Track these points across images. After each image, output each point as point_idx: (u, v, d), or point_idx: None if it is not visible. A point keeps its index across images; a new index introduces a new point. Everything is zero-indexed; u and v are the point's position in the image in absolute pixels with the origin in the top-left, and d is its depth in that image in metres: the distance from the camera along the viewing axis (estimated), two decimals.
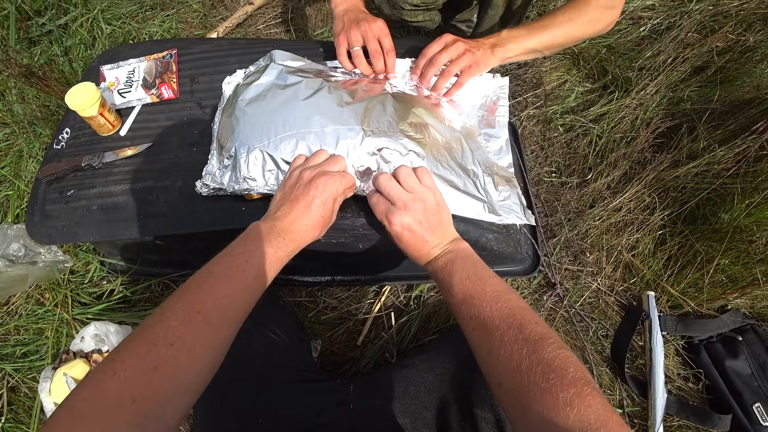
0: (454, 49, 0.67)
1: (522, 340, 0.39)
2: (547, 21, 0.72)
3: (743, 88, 1.00)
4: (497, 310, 0.43)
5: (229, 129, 0.65)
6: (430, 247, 0.52)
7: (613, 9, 0.74)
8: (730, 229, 0.87)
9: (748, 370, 0.88)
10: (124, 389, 0.32)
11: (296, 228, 0.48)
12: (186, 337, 0.37)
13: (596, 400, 0.33)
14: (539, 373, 0.36)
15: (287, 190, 0.51)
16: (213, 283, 0.41)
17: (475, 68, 0.68)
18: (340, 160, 0.55)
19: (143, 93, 0.80)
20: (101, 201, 0.72)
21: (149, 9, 1.30)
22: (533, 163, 1.00)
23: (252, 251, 0.44)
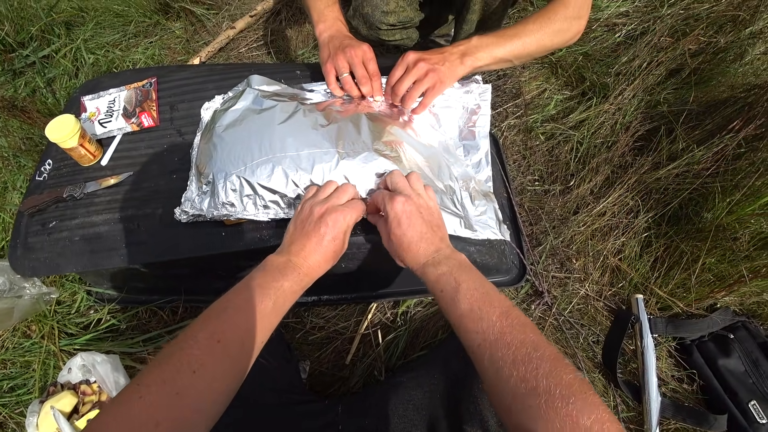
0: (416, 71, 0.66)
1: (537, 360, 0.37)
2: (517, 29, 0.73)
3: (718, 88, 1.02)
4: (508, 326, 0.41)
5: (207, 155, 0.66)
6: (429, 243, 0.50)
7: (579, 19, 0.75)
8: (713, 228, 0.88)
9: (742, 368, 0.88)
10: (149, 413, 0.35)
11: (310, 263, 0.50)
12: (208, 365, 0.39)
13: (614, 426, 0.33)
14: (558, 396, 0.34)
15: (299, 225, 0.53)
16: (232, 314, 0.43)
17: (439, 86, 0.67)
18: (349, 189, 0.56)
19: (124, 122, 0.81)
20: (83, 231, 0.72)
21: (132, 37, 1.33)
22: (516, 172, 1.01)
23: (269, 285, 0.46)
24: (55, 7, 1.29)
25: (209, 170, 0.64)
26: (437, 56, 0.68)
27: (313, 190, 0.57)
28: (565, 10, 0.74)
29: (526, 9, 1.29)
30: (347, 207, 0.53)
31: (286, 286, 0.47)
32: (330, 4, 0.76)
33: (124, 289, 0.91)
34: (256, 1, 1.38)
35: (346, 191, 0.55)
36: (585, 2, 0.75)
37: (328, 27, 0.73)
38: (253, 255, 0.66)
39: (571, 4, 0.74)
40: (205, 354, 0.39)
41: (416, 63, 0.67)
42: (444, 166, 0.67)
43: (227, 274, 0.77)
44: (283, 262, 0.49)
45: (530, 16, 0.75)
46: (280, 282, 0.47)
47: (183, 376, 0.37)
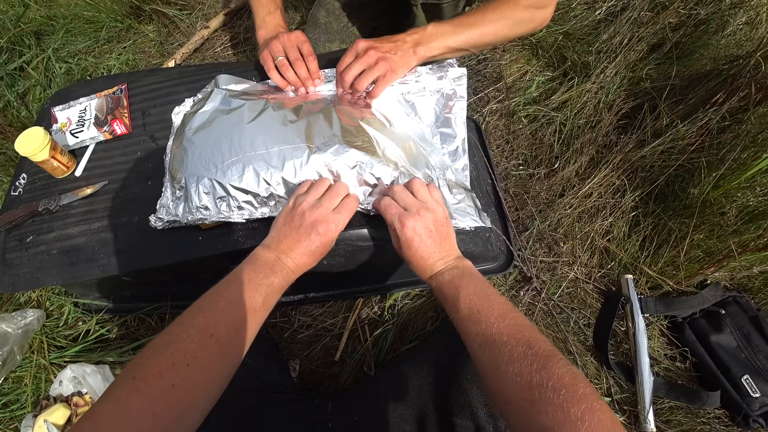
0: (366, 59, 0.64)
1: (531, 356, 0.40)
2: (476, 18, 0.70)
3: (701, 61, 1.02)
4: (505, 327, 0.44)
5: (179, 160, 0.66)
6: (437, 258, 0.53)
7: (544, 8, 0.72)
8: (700, 204, 0.88)
9: (734, 343, 0.89)
10: (146, 405, 0.36)
11: (298, 262, 0.52)
12: (201, 358, 0.40)
13: (606, 416, 0.35)
14: (550, 389, 0.37)
15: (288, 224, 0.53)
16: (225, 307, 0.45)
17: (390, 75, 0.66)
18: (341, 190, 0.56)
19: (96, 131, 0.81)
20: (60, 244, 0.72)
21: (105, 43, 1.31)
22: (500, 157, 1.01)
23: (260, 281, 0.48)
24: (23, 17, 1.27)
25: (181, 175, 0.64)
26: (389, 44, 0.66)
27: (307, 185, 0.57)
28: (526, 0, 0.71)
29: None
30: (339, 213, 0.54)
31: (276, 283, 0.49)
32: (272, 10, 0.77)
33: (110, 299, 0.91)
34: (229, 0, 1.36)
35: (338, 193, 0.56)
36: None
37: (269, 32, 0.74)
38: (232, 256, 0.67)
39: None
40: (198, 347, 0.41)
41: (366, 51, 0.65)
42: (420, 155, 0.67)
43: (210, 277, 0.76)
44: (273, 259, 0.51)
45: (491, 3, 0.72)
46: (270, 279, 0.49)
47: (178, 369, 0.39)
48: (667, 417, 0.83)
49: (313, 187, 0.56)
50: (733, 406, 0.84)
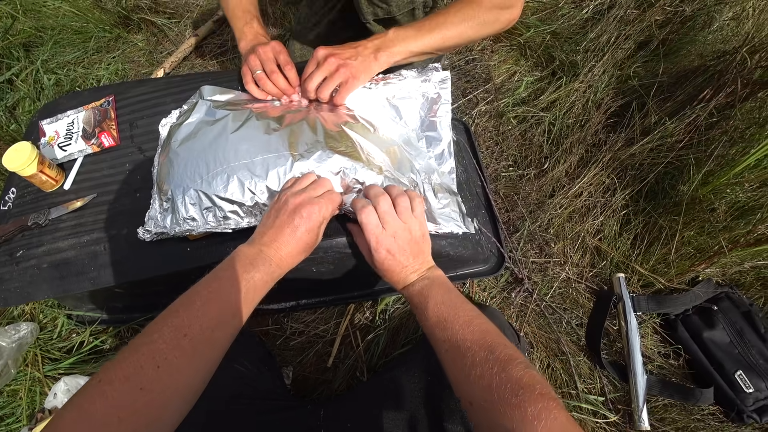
0: (326, 67, 0.65)
1: (492, 361, 0.42)
2: (438, 21, 0.69)
3: (688, 58, 1.02)
4: (469, 333, 0.46)
5: (166, 171, 0.66)
6: (408, 272, 0.56)
7: (510, 8, 0.71)
8: (689, 201, 0.88)
9: (727, 339, 0.89)
10: (111, 410, 0.35)
11: (282, 254, 0.50)
12: (173, 360, 0.39)
13: (561, 414, 0.37)
14: (509, 390, 0.39)
15: (273, 214, 0.53)
16: (200, 306, 0.43)
17: (352, 82, 0.66)
18: (325, 182, 0.57)
19: (84, 144, 0.81)
20: (50, 258, 0.72)
21: (94, 53, 1.32)
22: (489, 159, 1.01)
23: (240, 276, 0.47)
24: (11, 29, 1.28)
25: (168, 186, 0.64)
26: (350, 51, 0.66)
27: (292, 181, 0.57)
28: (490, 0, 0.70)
29: None
30: (323, 199, 0.53)
31: (257, 278, 0.48)
32: (248, 21, 0.77)
33: (103, 310, 0.91)
34: (218, 7, 1.37)
35: (322, 184, 0.56)
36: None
37: (248, 43, 0.74)
38: None
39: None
40: (170, 348, 0.39)
41: (326, 58, 0.65)
42: (405, 159, 0.67)
43: None
44: (254, 252, 0.49)
45: (454, 4, 0.71)
46: (250, 273, 0.47)
47: (147, 372, 0.37)
48: (661, 415, 0.84)
49: (298, 181, 0.57)
50: (727, 402, 0.85)
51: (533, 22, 1.17)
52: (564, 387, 0.82)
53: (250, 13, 0.79)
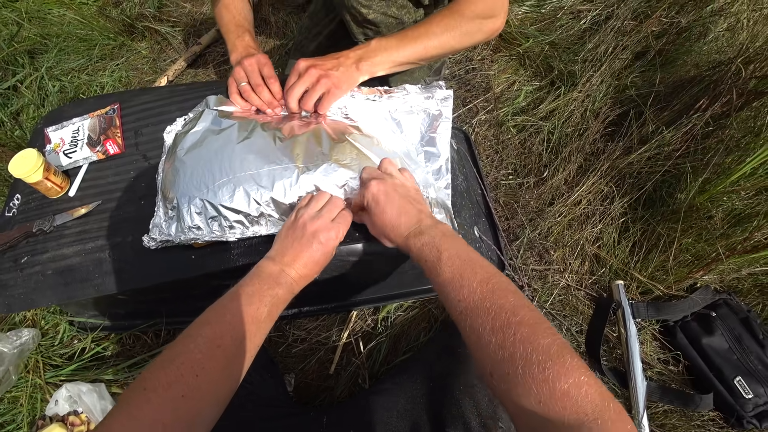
0: (307, 78, 0.65)
1: (516, 325, 0.37)
2: (420, 31, 0.69)
3: (684, 68, 1.04)
4: (489, 292, 0.41)
5: (171, 180, 0.67)
6: (409, 216, 0.53)
7: (492, 18, 0.71)
8: (687, 209, 0.90)
9: (726, 345, 0.90)
10: (156, 416, 0.37)
11: (301, 274, 0.54)
12: (209, 369, 0.41)
13: (593, 389, 0.33)
14: (535, 362, 0.34)
15: (291, 234, 0.55)
16: (231, 319, 0.46)
17: (335, 92, 0.66)
18: (338, 202, 0.58)
19: (89, 151, 0.82)
20: (55, 265, 0.73)
21: (98, 60, 1.33)
22: (489, 167, 1.03)
23: (264, 292, 0.50)
24: (16, 36, 1.29)
25: (173, 195, 0.65)
26: (331, 62, 0.67)
27: (307, 199, 0.59)
28: (473, 8, 0.70)
29: None
30: (338, 223, 0.56)
31: (280, 294, 0.51)
32: (240, 34, 0.79)
33: (106, 317, 0.92)
34: None
35: (337, 205, 0.58)
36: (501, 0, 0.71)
37: (238, 55, 0.75)
38: (225, 275, 0.68)
39: (482, 2, 0.70)
40: (206, 358, 0.42)
41: (307, 69, 0.65)
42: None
43: (204, 294, 0.77)
44: (277, 271, 0.52)
45: (437, 14, 0.71)
46: (275, 290, 0.50)
47: (187, 380, 0.40)
48: (661, 421, 0.84)
49: (314, 200, 0.58)
50: (727, 408, 0.85)
51: (532, 33, 1.19)
52: None
53: (243, 27, 0.80)
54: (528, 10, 1.24)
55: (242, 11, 0.84)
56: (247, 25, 0.82)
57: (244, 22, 0.82)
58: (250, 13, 0.87)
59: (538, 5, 1.24)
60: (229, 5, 0.84)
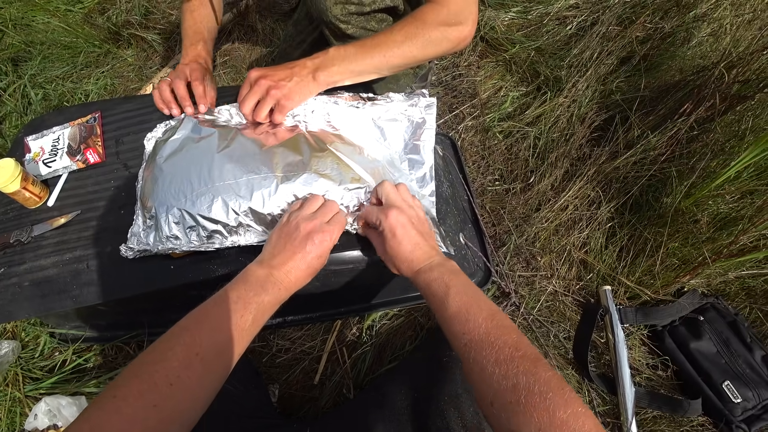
0: (257, 90, 0.64)
1: (519, 359, 0.40)
2: (381, 39, 0.66)
3: (668, 73, 1.05)
4: (493, 327, 0.44)
5: (150, 188, 0.67)
6: (423, 251, 0.54)
7: (459, 25, 0.68)
8: (673, 213, 0.90)
9: (714, 349, 0.90)
10: (125, 426, 0.36)
11: (291, 278, 0.52)
12: (185, 378, 0.40)
13: (590, 421, 0.35)
14: (537, 392, 0.37)
15: (283, 237, 0.54)
16: (211, 326, 0.45)
17: (285, 103, 0.64)
18: (333, 205, 0.58)
19: (69, 161, 0.81)
20: (32, 276, 0.72)
21: (83, 68, 1.32)
22: (476, 173, 1.03)
23: (250, 298, 0.48)
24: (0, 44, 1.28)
25: (152, 204, 0.65)
26: (284, 72, 0.65)
27: (299, 203, 0.58)
28: (437, 16, 0.67)
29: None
30: (333, 226, 0.55)
31: (266, 300, 0.49)
32: (195, 42, 0.80)
33: (87, 328, 0.90)
34: None
35: (331, 208, 0.57)
36: (468, 6, 0.68)
37: (188, 62, 0.77)
38: (205, 285, 0.67)
39: (446, 9, 0.67)
40: (182, 367, 0.41)
41: (257, 81, 0.64)
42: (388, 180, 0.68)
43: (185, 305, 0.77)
44: (264, 275, 0.51)
45: (400, 22, 0.68)
46: (260, 296, 0.49)
47: (160, 389, 0.39)
48: (650, 427, 0.84)
49: (307, 203, 0.57)
50: (716, 412, 0.85)
51: (518, 38, 1.20)
52: None
53: (200, 35, 0.81)
54: (514, 16, 1.25)
55: (205, 19, 0.84)
56: (206, 33, 0.83)
57: (204, 30, 0.82)
58: (213, 23, 0.87)
59: (524, 11, 1.25)
60: (194, 11, 0.84)
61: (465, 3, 0.67)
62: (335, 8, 0.76)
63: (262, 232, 0.62)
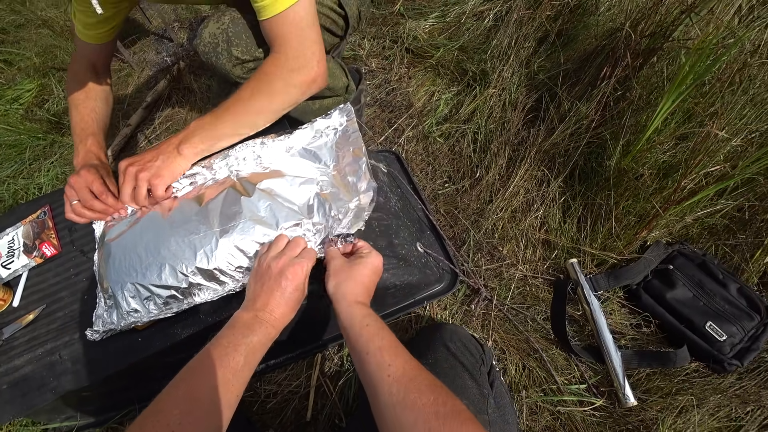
0: (128, 179, 0.69)
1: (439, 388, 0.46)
2: (231, 101, 0.71)
3: (585, 42, 1.13)
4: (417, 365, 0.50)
5: (104, 269, 0.72)
6: (370, 294, 0.61)
7: (302, 70, 0.72)
8: (615, 174, 0.96)
9: (689, 294, 0.95)
10: None
11: (276, 315, 0.57)
12: (185, 423, 0.45)
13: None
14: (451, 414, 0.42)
15: (259, 280, 0.59)
16: (207, 373, 0.50)
17: (155, 182, 0.69)
18: (300, 241, 0.63)
19: (26, 259, 0.86)
20: (8, 378, 0.76)
21: (32, 162, 1.39)
22: (425, 181, 1.09)
23: (239, 342, 0.53)
24: None
25: (108, 284, 0.69)
26: (151, 154, 0.70)
27: (267, 247, 0.63)
28: (277, 65, 0.71)
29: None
30: (303, 258, 0.60)
31: (255, 341, 0.54)
32: (83, 138, 0.82)
33: (78, 417, 0.93)
34: (147, 93, 1.46)
35: (298, 244, 0.62)
36: (306, 49, 0.71)
37: (79, 162, 0.79)
38: (174, 349, 0.71)
39: (284, 56, 0.71)
40: (183, 413, 0.45)
41: (126, 169, 0.69)
42: (328, 201, 0.72)
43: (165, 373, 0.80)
44: (250, 318, 0.56)
45: (244, 83, 0.72)
46: (249, 338, 0.53)
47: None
48: (645, 386, 0.88)
49: (273, 244, 0.63)
50: (705, 355, 0.89)
51: (442, 42, 1.29)
52: (544, 384, 0.86)
53: (87, 130, 0.84)
54: (434, 22, 1.34)
55: (93, 111, 0.87)
56: (95, 127, 0.85)
57: (92, 124, 0.85)
58: (103, 112, 0.89)
59: (442, 15, 1.34)
60: (79, 105, 0.87)
61: (302, 47, 0.71)
62: (235, 69, 0.82)
63: (215, 287, 0.67)
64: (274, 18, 0.70)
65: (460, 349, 0.71)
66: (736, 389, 0.86)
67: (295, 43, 0.71)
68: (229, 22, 0.80)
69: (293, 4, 0.69)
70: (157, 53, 1.63)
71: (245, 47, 0.81)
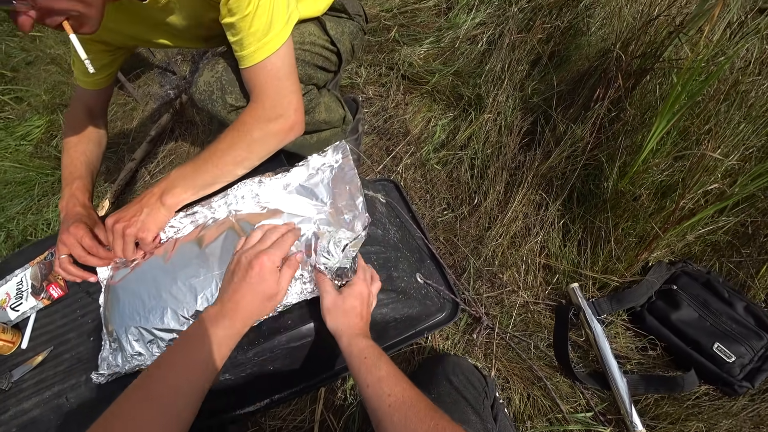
0: (116, 236, 0.71)
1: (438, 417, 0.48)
2: (210, 151, 0.73)
3: (578, 63, 1.15)
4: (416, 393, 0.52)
5: (109, 312, 0.74)
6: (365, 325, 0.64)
7: (279, 119, 0.74)
8: (612, 196, 0.97)
9: (695, 314, 0.94)
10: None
11: (242, 307, 0.58)
12: (139, 419, 0.48)
13: None
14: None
15: (229, 274, 0.61)
16: (165, 370, 0.53)
17: (143, 235, 0.71)
18: (274, 231, 0.64)
19: (34, 300, 0.89)
20: (17, 421, 0.78)
21: (41, 198, 1.44)
22: (424, 208, 1.11)
23: (203, 334, 0.55)
24: None
25: (112, 327, 0.72)
26: (134, 208, 0.73)
27: (242, 241, 0.65)
28: (254, 115, 0.73)
29: None
30: (273, 248, 0.61)
31: (221, 333, 0.55)
32: (70, 182, 0.84)
33: None
34: (150, 127, 1.51)
35: (270, 236, 0.64)
36: (283, 98, 0.74)
37: (63, 206, 0.82)
38: None
39: (261, 106, 0.73)
40: (134, 408, 0.49)
41: (113, 227, 0.72)
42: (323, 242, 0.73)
43: None
44: (216, 311, 0.57)
45: (225, 131, 0.75)
46: (212, 330, 0.55)
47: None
48: (654, 412, 0.87)
49: (248, 240, 0.64)
50: (715, 378, 0.88)
51: (437, 67, 1.32)
52: (549, 413, 0.86)
53: (75, 174, 0.86)
54: (429, 47, 1.37)
55: (83, 155, 0.89)
56: (83, 170, 0.87)
57: (80, 167, 0.87)
58: (95, 153, 0.92)
59: (437, 40, 1.38)
60: (70, 149, 0.90)
61: (278, 96, 0.74)
62: (231, 116, 0.86)
63: None
64: (252, 68, 0.73)
65: (463, 383, 0.72)
66: (748, 412, 0.85)
67: (272, 93, 0.74)
68: (222, 71, 0.84)
69: (270, 55, 0.72)
70: (160, 86, 1.69)
71: (239, 94, 0.85)
